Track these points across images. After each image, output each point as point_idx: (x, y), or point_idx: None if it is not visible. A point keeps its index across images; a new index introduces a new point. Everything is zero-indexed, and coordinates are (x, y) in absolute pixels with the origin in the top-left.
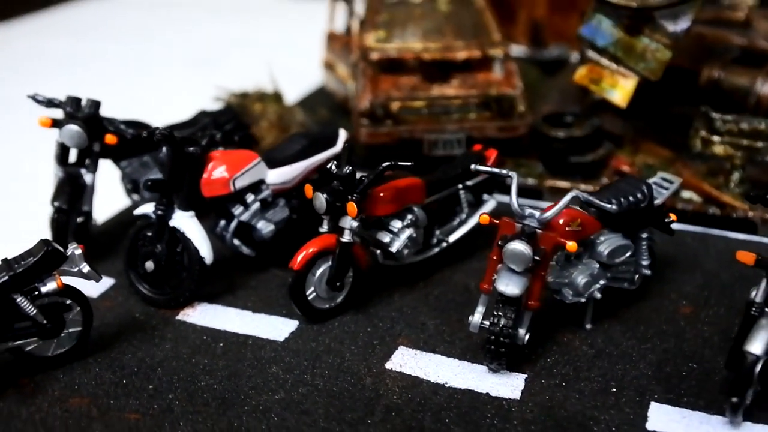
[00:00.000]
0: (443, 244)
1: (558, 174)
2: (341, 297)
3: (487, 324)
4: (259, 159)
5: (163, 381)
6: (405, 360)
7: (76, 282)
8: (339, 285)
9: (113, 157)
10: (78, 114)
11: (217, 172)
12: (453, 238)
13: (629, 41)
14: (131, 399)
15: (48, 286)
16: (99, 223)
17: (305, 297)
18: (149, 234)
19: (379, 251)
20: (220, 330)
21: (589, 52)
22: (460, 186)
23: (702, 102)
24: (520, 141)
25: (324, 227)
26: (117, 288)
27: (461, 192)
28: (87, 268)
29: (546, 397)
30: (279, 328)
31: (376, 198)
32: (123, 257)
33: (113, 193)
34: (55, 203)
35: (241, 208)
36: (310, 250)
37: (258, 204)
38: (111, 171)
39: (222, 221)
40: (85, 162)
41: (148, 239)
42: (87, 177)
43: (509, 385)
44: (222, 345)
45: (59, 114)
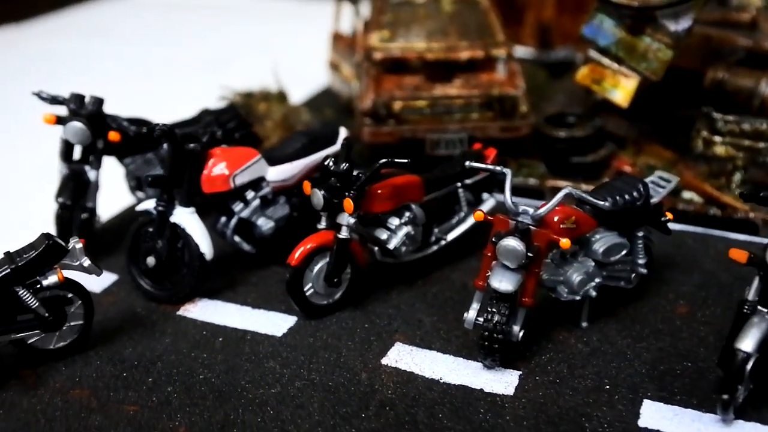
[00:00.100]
0: (441, 242)
1: (560, 174)
2: (339, 293)
3: (482, 320)
4: (260, 156)
5: (162, 374)
6: (401, 356)
7: (78, 276)
8: (336, 281)
9: (117, 155)
10: (81, 111)
11: (218, 168)
12: (451, 236)
13: (631, 41)
14: (130, 391)
15: (49, 279)
16: (103, 221)
17: (303, 293)
18: (150, 230)
19: (377, 248)
20: (219, 325)
21: (591, 51)
22: (458, 184)
23: (707, 104)
24: (522, 141)
25: (322, 224)
26: (120, 284)
27: (460, 190)
28: (87, 261)
29: (539, 394)
30: (277, 323)
31: (373, 195)
32: (125, 253)
33: (118, 191)
34: (60, 199)
35: (242, 204)
36: (307, 246)
37: (258, 201)
38: (116, 169)
39: (222, 218)
40: (89, 159)
41: (149, 235)
42: (91, 174)
43: (503, 382)
44: (221, 340)
45: (64, 111)
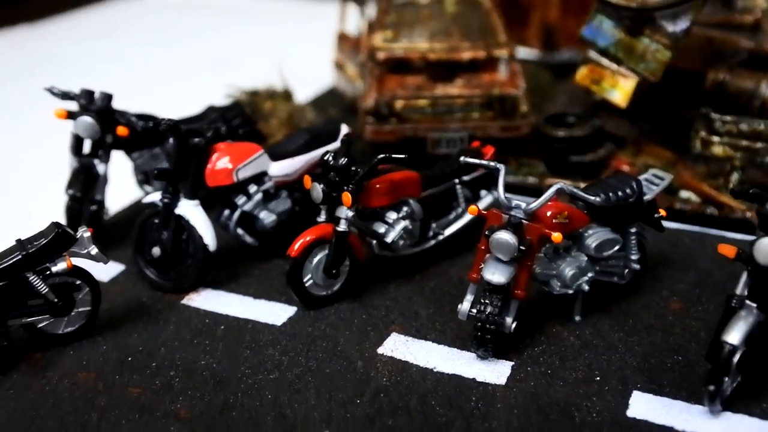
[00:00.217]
0: (439, 237)
1: (559, 173)
2: (338, 285)
3: (475, 312)
4: (262, 151)
5: (166, 360)
6: (396, 346)
7: (86, 265)
8: (335, 273)
9: (125, 149)
10: (91, 107)
11: (221, 162)
12: (449, 231)
13: (630, 42)
14: (135, 375)
15: (58, 266)
16: (112, 213)
17: (302, 284)
18: (156, 221)
19: (375, 242)
20: (221, 314)
21: (591, 52)
22: (456, 181)
23: (708, 105)
24: (522, 141)
25: (321, 217)
26: (127, 274)
27: (458, 187)
28: (95, 250)
29: (531, 384)
30: (278, 313)
31: (372, 189)
32: (132, 244)
33: (127, 185)
34: (70, 191)
35: (244, 198)
36: (307, 238)
37: (261, 195)
38: (125, 163)
39: (226, 211)
40: (98, 153)
41: (155, 226)
42: (100, 167)
43: (496, 372)
44: (223, 328)
45: (74, 107)
